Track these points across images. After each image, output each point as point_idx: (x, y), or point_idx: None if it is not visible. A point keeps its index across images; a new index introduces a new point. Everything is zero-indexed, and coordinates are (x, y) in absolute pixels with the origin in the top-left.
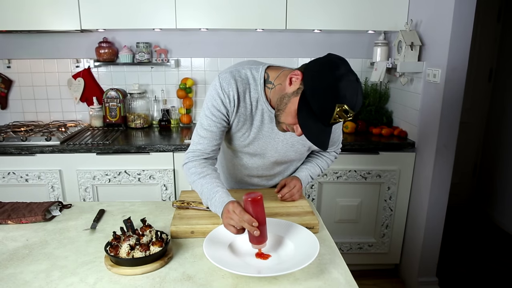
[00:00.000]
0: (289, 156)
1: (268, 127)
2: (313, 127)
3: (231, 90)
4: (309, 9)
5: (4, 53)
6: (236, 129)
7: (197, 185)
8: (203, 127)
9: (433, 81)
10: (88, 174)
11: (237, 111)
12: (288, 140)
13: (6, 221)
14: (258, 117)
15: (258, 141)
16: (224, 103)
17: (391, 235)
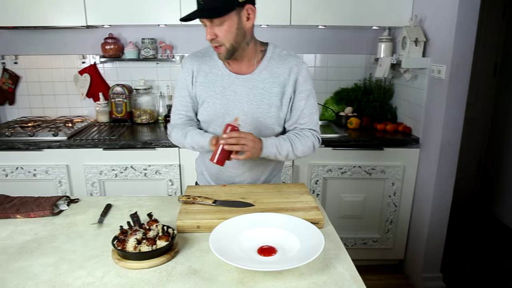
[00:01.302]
0: (257, 117)
1: (231, 89)
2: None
3: (189, 64)
4: (313, 5)
5: (11, 49)
6: (204, 97)
7: (187, 140)
8: (175, 106)
9: (438, 77)
10: (95, 169)
11: (198, 81)
12: (252, 101)
13: (15, 215)
14: (219, 82)
15: (225, 105)
16: (185, 78)
17: (396, 231)
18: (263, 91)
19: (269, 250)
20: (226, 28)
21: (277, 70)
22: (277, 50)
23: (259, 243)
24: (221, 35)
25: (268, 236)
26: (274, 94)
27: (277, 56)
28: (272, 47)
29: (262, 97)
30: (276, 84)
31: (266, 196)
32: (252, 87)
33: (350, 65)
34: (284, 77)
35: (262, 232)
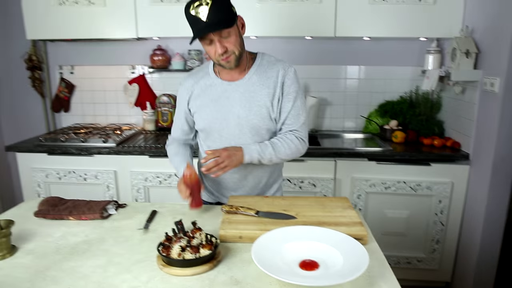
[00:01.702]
0: (251, 119)
1: (224, 96)
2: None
3: (186, 83)
4: (358, 17)
5: (69, 60)
6: (199, 107)
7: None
8: (174, 120)
9: (490, 90)
10: (140, 176)
11: (193, 96)
12: (245, 104)
13: (68, 217)
14: (213, 91)
15: (219, 111)
16: (182, 96)
17: (442, 251)
18: (254, 94)
19: (311, 264)
20: (233, 37)
21: (265, 74)
22: (265, 57)
23: (301, 256)
24: (230, 46)
25: (310, 250)
26: (264, 95)
27: (266, 62)
28: (261, 54)
29: (253, 100)
30: (265, 86)
31: (308, 209)
32: (243, 91)
33: (396, 77)
34: (273, 79)
35: (304, 246)
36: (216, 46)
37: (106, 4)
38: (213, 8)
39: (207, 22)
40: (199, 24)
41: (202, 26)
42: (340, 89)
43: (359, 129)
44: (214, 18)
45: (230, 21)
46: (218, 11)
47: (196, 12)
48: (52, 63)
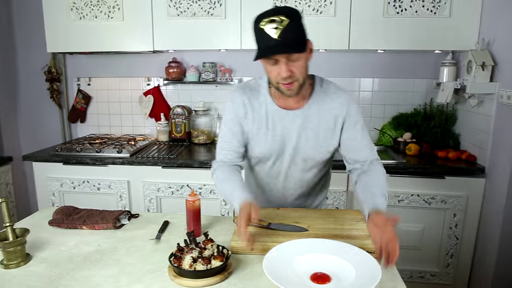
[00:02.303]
0: (305, 152)
1: (281, 125)
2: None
3: (239, 99)
4: (373, 29)
5: (86, 72)
6: (254, 133)
7: (222, 188)
8: (223, 140)
9: (507, 103)
10: (153, 186)
11: (248, 116)
12: (302, 136)
13: (81, 226)
14: (270, 117)
15: (275, 141)
16: (235, 112)
17: (457, 266)
18: (312, 126)
19: (323, 277)
20: (302, 63)
21: (326, 105)
22: (324, 84)
23: (313, 269)
24: (297, 71)
25: (322, 263)
26: (323, 129)
27: (325, 90)
28: (319, 80)
29: (311, 132)
30: (325, 119)
31: (320, 222)
32: (301, 123)
33: (410, 89)
34: (334, 111)
35: (316, 258)
36: (281, 69)
37: (124, 18)
38: (288, 27)
39: (279, 40)
40: (268, 42)
41: (272, 45)
42: None
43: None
44: (287, 38)
45: (303, 45)
46: (293, 32)
47: (268, 28)
48: (70, 75)
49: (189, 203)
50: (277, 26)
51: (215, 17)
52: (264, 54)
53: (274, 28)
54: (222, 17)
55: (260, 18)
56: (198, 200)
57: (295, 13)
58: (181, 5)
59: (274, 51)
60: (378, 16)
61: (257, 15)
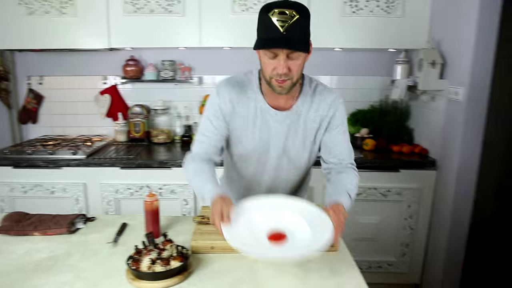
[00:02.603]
0: (289, 152)
1: (269, 124)
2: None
3: (227, 95)
4: (330, 28)
5: (37, 71)
6: (242, 131)
7: (194, 181)
8: (202, 133)
9: (455, 99)
10: (111, 188)
11: (235, 113)
12: (288, 137)
13: (32, 233)
14: (258, 116)
15: (262, 140)
16: (221, 108)
17: (412, 255)
18: (299, 127)
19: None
20: (300, 62)
21: (314, 105)
22: (312, 84)
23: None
24: (294, 69)
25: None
26: (310, 129)
27: (313, 90)
28: (308, 80)
29: (298, 133)
30: (311, 119)
31: None
32: (290, 123)
33: (367, 86)
34: (321, 112)
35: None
36: (280, 64)
37: (78, 14)
38: (297, 23)
39: (284, 34)
40: (274, 33)
41: (278, 37)
42: None
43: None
44: (293, 34)
45: (307, 44)
46: (300, 29)
47: (276, 19)
48: (20, 74)
49: (147, 204)
50: (286, 19)
51: (173, 14)
52: (268, 45)
53: (282, 21)
54: (181, 14)
55: (270, 7)
56: (156, 200)
57: (305, 11)
58: (138, 1)
59: (279, 44)
60: (335, 15)
61: (268, 3)
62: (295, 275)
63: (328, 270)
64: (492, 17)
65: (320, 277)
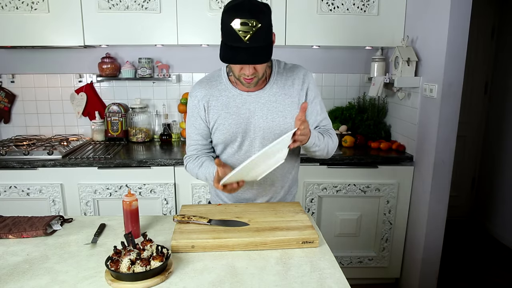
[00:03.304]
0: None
1: (245, 108)
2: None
3: (199, 93)
4: (307, 26)
5: (9, 68)
6: (218, 119)
7: (200, 175)
8: (189, 137)
9: (430, 95)
10: (89, 188)
11: (210, 108)
12: (267, 115)
13: (7, 236)
14: (231, 102)
15: (241, 123)
16: (196, 108)
17: (391, 249)
18: (276, 104)
19: None
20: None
21: (286, 82)
22: (281, 64)
23: None
24: (260, 69)
25: None
26: (287, 105)
27: (283, 69)
28: (276, 62)
29: (276, 110)
30: (288, 95)
31: (261, 215)
32: (265, 102)
33: (344, 84)
34: (295, 87)
35: None
36: (246, 69)
37: (50, 10)
38: (259, 32)
39: (248, 45)
40: (238, 43)
41: (240, 50)
42: None
43: None
44: (257, 43)
45: (270, 50)
46: (262, 37)
47: (238, 29)
48: None
49: (125, 203)
50: (248, 30)
51: (149, 11)
52: (231, 60)
53: (245, 31)
54: (157, 11)
55: (231, 15)
56: (135, 200)
57: (266, 12)
58: None
59: (242, 60)
60: (312, 13)
61: (229, 5)
62: (276, 272)
63: (309, 266)
64: (464, 16)
65: (300, 273)
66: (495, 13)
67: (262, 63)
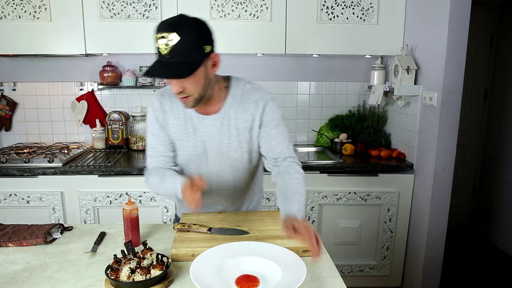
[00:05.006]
0: (230, 155)
1: (201, 131)
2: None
3: (158, 104)
4: (307, 35)
5: (10, 76)
6: (176, 140)
7: (161, 189)
8: (150, 147)
9: (430, 104)
10: (89, 196)
11: (169, 120)
12: (223, 140)
13: (7, 244)
14: (189, 123)
15: (197, 147)
16: (156, 118)
17: (392, 257)
18: (232, 129)
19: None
20: (195, 80)
21: (243, 105)
22: (240, 85)
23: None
24: (190, 87)
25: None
26: (243, 129)
27: (241, 92)
28: (235, 81)
29: (232, 135)
30: (243, 120)
31: (261, 224)
32: (221, 126)
33: (344, 92)
34: (251, 111)
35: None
36: (171, 83)
37: (52, 19)
38: (178, 47)
39: (167, 59)
40: (160, 57)
41: (159, 63)
42: (291, 104)
43: (311, 143)
44: (176, 58)
45: (192, 67)
46: (182, 52)
47: (159, 43)
48: None
49: (125, 211)
50: (167, 44)
51: (150, 20)
52: (149, 73)
53: (165, 45)
54: (158, 20)
55: (156, 28)
56: (136, 208)
57: (191, 26)
58: (114, 6)
59: (158, 73)
60: (312, 22)
61: (160, 22)
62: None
63: (309, 275)
64: (463, 24)
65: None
66: (494, 20)
67: (176, 78)
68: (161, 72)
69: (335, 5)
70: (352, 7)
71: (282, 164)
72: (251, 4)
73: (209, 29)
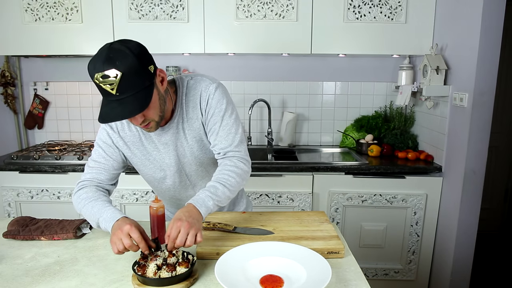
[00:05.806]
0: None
1: (155, 144)
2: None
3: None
4: (333, 34)
5: (43, 76)
6: (135, 156)
7: (87, 208)
8: (92, 159)
9: (460, 105)
10: (116, 193)
11: (122, 138)
12: (183, 144)
13: (39, 237)
14: (144, 139)
15: (159, 161)
16: (108, 133)
17: (418, 262)
18: (187, 131)
19: (274, 279)
20: (152, 105)
21: (190, 103)
22: (184, 83)
23: (264, 272)
24: (150, 114)
25: (275, 265)
26: (197, 127)
27: (186, 89)
28: (180, 82)
29: (188, 137)
30: (195, 118)
31: (285, 224)
32: (176, 132)
33: (371, 92)
34: (198, 105)
35: (268, 262)
36: (133, 120)
37: (83, 20)
38: (124, 80)
39: (118, 96)
40: (109, 97)
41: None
42: (317, 105)
43: (336, 144)
44: (126, 93)
45: (147, 95)
46: (130, 83)
47: (103, 84)
48: (26, 79)
49: (152, 209)
50: (112, 82)
51: (177, 20)
52: (106, 120)
53: (110, 84)
54: (185, 21)
55: (90, 68)
56: (162, 207)
57: (126, 55)
58: (142, 8)
59: (116, 116)
60: (339, 21)
61: (90, 63)
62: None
63: (334, 277)
64: (497, 22)
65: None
66: None
67: (138, 113)
68: (119, 113)
69: (362, 4)
70: (380, 6)
71: (223, 160)
72: (277, 4)
73: (143, 47)
